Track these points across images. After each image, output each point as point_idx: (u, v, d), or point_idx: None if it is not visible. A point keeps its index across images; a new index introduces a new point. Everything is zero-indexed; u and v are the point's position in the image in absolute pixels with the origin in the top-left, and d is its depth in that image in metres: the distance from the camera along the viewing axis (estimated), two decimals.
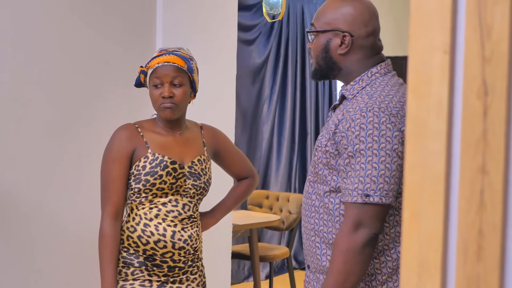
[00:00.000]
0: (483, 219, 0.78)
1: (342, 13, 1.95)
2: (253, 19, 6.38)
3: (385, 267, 1.89)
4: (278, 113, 6.71)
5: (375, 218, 1.80)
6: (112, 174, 2.38)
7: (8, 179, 2.98)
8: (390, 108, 1.81)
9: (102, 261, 2.34)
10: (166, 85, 2.39)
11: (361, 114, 1.81)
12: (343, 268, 1.80)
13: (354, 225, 1.80)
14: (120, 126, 2.47)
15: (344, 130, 1.84)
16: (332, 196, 1.92)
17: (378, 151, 1.78)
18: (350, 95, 1.95)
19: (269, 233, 6.53)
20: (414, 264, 0.82)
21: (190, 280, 2.46)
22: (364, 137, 1.79)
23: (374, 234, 1.80)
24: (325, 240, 1.94)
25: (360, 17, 1.95)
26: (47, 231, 3.12)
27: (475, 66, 0.79)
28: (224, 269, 3.93)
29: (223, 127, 2.97)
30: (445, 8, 0.81)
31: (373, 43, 1.98)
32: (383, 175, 1.78)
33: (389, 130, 1.79)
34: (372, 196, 1.78)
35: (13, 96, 2.98)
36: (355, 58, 1.96)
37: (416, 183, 0.83)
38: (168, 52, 2.42)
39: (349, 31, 1.94)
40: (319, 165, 1.94)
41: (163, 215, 2.38)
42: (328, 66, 1.99)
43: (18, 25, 3.00)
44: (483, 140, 0.78)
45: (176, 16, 3.60)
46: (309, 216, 2.00)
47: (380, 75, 1.95)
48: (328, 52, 1.97)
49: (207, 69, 3.61)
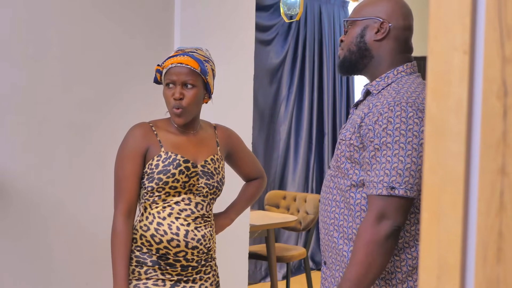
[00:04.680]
0: (503, 220, 0.78)
1: (382, 5, 2.01)
2: (270, 20, 6.38)
3: (405, 265, 1.89)
4: (296, 113, 6.70)
5: (399, 211, 1.81)
6: (126, 172, 2.40)
7: (30, 180, 3.01)
8: (417, 103, 1.83)
9: (114, 258, 2.35)
10: (177, 86, 2.40)
11: (389, 108, 1.83)
12: (365, 259, 1.80)
13: (378, 217, 1.81)
14: (135, 125, 2.48)
15: (371, 123, 1.86)
16: (352, 191, 1.93)
17: (405, 145, 1.79)
18: (375, 90, 1.97)
19: (286, 234, 6.52)
20: (433, 266, 0.82)
21: (204, 280, 2.47)
22: (391, 131, 1.81)
23: (397, 226, 1.81)
24: (344, 235, 1.95)
25: (400, 10, 2.01)
26: (65, 231, 3.14)
27: (495, 66, 0.78)
28: (241, 269, 3.94)
29: (240, 127, 2.98)
30: (465, 8, 0.80)
31: (407, 38, 2.02)
32: (408, 169, 1.79)
33: (416, 124, 1.81)
34: (397, 189, 1.79)
35: (34, 97, 3.01)
36: (388, 47, 2.00)
37: (436, 184, 0.82)
38: (184, 53, 2.42)
39: (387, 20, 1.99)
40: (342, 159, 1.95)
41: (176, 213, 2.39)
42: (361, 53, 2.02)
43: (36, 25, 3.02)
44: (503, 141, 0.78)
45: (194, 16, 3.61)
46: (329, 210, 2.00)
47: (406, 74, 1.98)
48: (364, 37, 2.01)
49: (225, 69, 3.62)
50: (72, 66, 3.14)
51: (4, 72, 2.92)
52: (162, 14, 3.52)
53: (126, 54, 3.35)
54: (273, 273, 4.90)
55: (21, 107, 2.97)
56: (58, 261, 3.12)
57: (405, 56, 2.02)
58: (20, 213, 2.98)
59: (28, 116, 3.00)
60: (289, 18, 5.52)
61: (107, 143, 3.22)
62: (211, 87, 2.50)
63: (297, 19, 5.48)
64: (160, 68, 2.46)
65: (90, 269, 3.23)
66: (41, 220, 3.05)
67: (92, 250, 3.22)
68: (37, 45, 3.01)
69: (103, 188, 3.20)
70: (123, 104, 3.33)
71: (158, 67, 2.48)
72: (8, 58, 2.93)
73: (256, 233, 4.78)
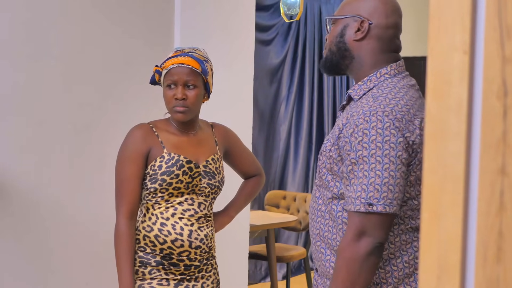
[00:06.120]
0: (503, 220, 0.78)
1: (364, 2, 1.91)
2: (270, 20, 6.38)
3: (391, 277, 1.83)
4: (296, 113, 6.70)
5: (379, 227, 1.73)
6: (128, 174, 2.39)
7: (30, 180, 3.01)
8: (395, 112, 1.74)
9: (119, 261, 2.35)
10: (179, 87, 2.40)
11: (364, 118, 1.74)
12: (347, 277, 1.74)
13: (357, 234, 1.73)
14: (135, 126, 2.48)
15: (347, 135, 1.78)
16: (334, 203, 1.86)
17: (381, 158, 1.71)
18: (357, 95, 1.89)
19: (286, 234, 6.52)
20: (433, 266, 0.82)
21: (205, 278, 2.48)
22: (367, 143, 1.72)
23: (379, 243, 1.74)
24: (329, 246, 1.90)
25: (383, 7, 1.90)
26: (65, 231, 3.14)
27: (495, 66, 0.78)
28: (241, 269, 3.94)
29: (240, 127, 2.98)
30: (465, 8, 0.80)
31: (391, 37, 1.91)
32: (387, 183, 1.71)
33: (393, 136, 1.71)
34: (375, 205, 1.71)
35: (34, 97, 3.01)
36: (369, 47, 1.90)
37: (435, 184, 0.82)
38: (183, 53, 2.42)
39: (368, 18, 1.89)
40: (323, 170, 1.89)
41: (179, 214, 2.40)
42: (341, 53, 1.93)
43: (36, 25, 3.02)
44: (503, 141, 0.78)
45: (194, 16, 3.61)
46: (315, 220, 1.95)
47: (389, 76, 1.88)
48: (343, 36, 1.92)
49: (225, 69, 3.62)
50: (72, 66, 3.14)
51: (4, 72, 2.92)
52: (162, 14, 3.52)
53: (126, 54, 3.35)
54: (273, 273, 4.90)
55: (21, 107, 2.97)
56: (58, 261, 3.12)
57: (390, 56, 1.92)
58: (20, 213, 2.98)
59: (28, 116, 3.00)
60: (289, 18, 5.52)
61: (107, 143, 3.22)
62: (211, 86, 2.50)
63: (297, 19, 5.48)
64: (159, 69, 2.46)
65: (90, 269, 3.23)
66: (41, 220, 3.05)
67: (92, 250, 3.22)
68: (37, 45, 3.01)
69: (103, 188, 3.20)
70: (123, 104, 3.33)
71: (157, 68, 2.47)
72: (8, 58, 2.93)
73: (256, 233, 4.79)
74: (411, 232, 1.84)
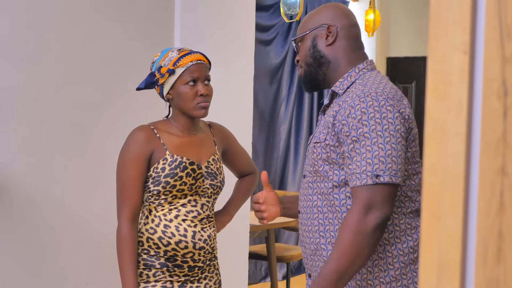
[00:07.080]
0: (503, 221, 0.78)
1: (322, 13, 2.08)
2: (270, 20, 6.38)
3: (397, 262, 1.88)
4: (296, 113, 6.70)
5: (386, 199, 1.79)
6: (130, 176, 2.38)
7: (30, 180, 3.01)
8: (386, 92, 1.85)
9: (123, 264, 2.34)
10: (200, 83, 2.40)
11: (359, 100, 1.84)
12: (353, 250, 1.77)
13: (365, 208, 1.78)
14: (136, 128, 2.45)
15: (343, 118, 1.86)
16: (336, 192, 1.91)
17: (382, 132, 1.79)
18: (341, 90, 1.99)
19: (286, 234, 6.52)
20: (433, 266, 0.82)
21: (208, 279, 2.49)
22: (366, 121, 1.81)
23: (386, 217, 1.79)
24: (332, 240, 1.92)
25: (339, 11, 2.07)
26: (65, 231, 3.14)
27: (495, 66, 0.78)
28: (241, 269, 3.94)
29: (240, 127, 2.98)
30: (465, 8, 0.80)
31: (357, 35, 2.07)
32: (390, 155, 1.78)
33: (390, 112, 1.81)
34: (382, 176, 1.77)
35: (34, 97, 3.01)
36: (342, 47, 2.04)
37: (436, 185, 0.82)
38: (193, 51, 2.44)
39: (332, 23, 2.04)
40: (319, 162, 1.94)
41: (183, 215, 2.40)
42: (317, 62, 2.05)
43: (36, 25, 3.02)
44: (503, 141, 0.78)
45: (194, 17, 3.61)
46: (311, 218, 1.98)
47: (367, 71, 2.02)
48: (316, 47, 2.05)
49: (225, 69, 3.62)
50: (72, 66, 3.14)
51: (4, 72, 2.92)
52: (162, 14, 3.52)
53: (126, 54, 3.35)
54: (273, 273, 4.90)
55: (21, 107, 2.97)
56: (58, 261, 3.12)
57: (360, 53, 2.06)
58: (19, 213, 2.98)
59: (28, 116, 3.00)
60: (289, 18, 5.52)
61: (107, 143, 3.22)
62: None
63: (297, 19, 5.48)
64: (173, 68, 2.41)
65: (90, 269, 3.23)
66: (41, 220, 3.05)
67: (92, 250, 3.22)
68: (37, 45, 3.01)
69: (104, 187, 3.20)
70: (123, 104, 3.33)
71: (165, 68, 2.39)
72: (8, 58, 2.93)
73: (256, 233, 4.78)
74: (416, 216, 1.92)
